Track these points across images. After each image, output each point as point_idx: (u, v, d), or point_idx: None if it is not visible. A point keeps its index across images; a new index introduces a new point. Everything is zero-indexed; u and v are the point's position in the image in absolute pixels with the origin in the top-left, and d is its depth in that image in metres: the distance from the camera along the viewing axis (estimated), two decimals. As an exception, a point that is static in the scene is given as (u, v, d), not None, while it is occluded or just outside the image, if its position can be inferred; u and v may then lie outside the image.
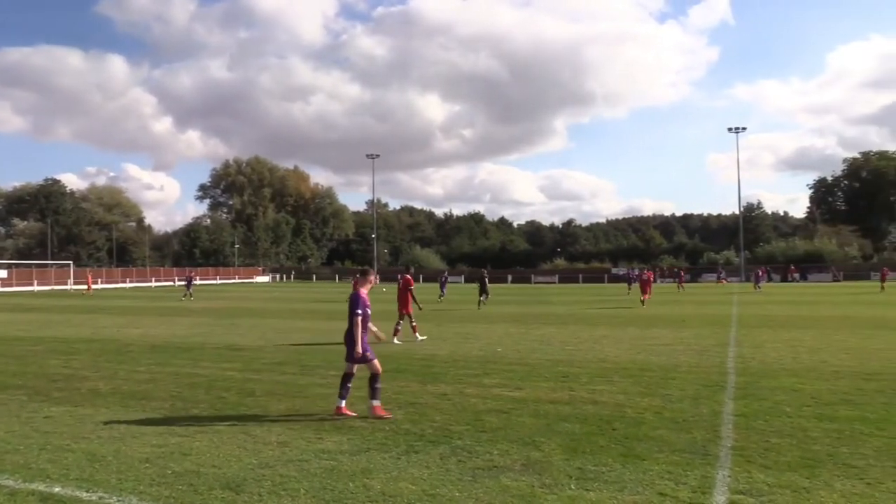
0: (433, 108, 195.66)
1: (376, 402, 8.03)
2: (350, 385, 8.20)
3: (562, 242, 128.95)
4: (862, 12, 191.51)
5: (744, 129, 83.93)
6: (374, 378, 8.07)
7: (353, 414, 8.04)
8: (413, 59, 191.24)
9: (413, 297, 16.88)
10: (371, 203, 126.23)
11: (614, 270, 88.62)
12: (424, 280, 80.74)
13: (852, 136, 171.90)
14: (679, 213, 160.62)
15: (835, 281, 69.51)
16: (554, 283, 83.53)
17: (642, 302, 30.67)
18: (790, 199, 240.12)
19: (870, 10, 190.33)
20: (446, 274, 51.41)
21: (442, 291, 40.15)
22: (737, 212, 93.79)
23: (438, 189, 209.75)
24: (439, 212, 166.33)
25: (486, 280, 32.13)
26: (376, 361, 8.13)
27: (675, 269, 68.21)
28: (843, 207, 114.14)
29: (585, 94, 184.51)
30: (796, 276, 73.57)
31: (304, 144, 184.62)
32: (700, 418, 7.90)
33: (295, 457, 6.46)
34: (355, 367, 8.20)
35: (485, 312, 27.22)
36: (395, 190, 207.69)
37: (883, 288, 44.69)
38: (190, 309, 31.50)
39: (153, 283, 79.72)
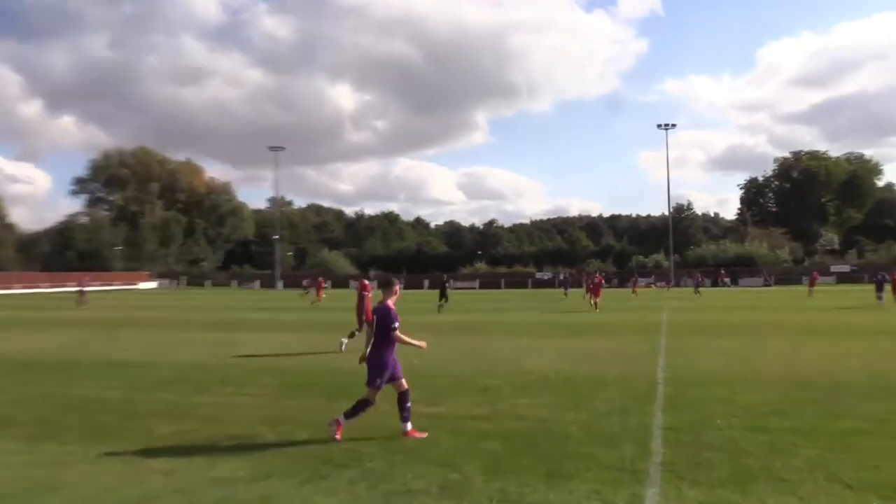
0: (344, 98, 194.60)
1: (409, 426, 7.97)
2: (409, 405, 8.00)
3: (483, 245, 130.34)
4: (792, 8, 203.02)
5: (674, 125, 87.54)
6: (403, 397, 7.97)
7: (424, 435, 7.90)
8: (322, 42, 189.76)
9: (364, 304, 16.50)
10: (274, 200, 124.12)
11: (538, 274, 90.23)
12: (334, 286, 79.95)
13: (783, 134, 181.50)
14: (607, 214, 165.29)
15: (766, 285, 73.05)
16: (474, 288, 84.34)
17: (595, 305, 33.16)
18: (721, 199, 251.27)
19: (799, 6, 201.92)
20: (446, 278, 52.00)
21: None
22: (666, 213, 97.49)
23: (349, 186, 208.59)
24: (350, 211, 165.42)
25: (447, 285, 35.63)
26: (403, 380, 8.06)
27: (633, 273, 70.07)
28: (774, 209, 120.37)
29: (509, 85, 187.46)
30: (727, 280, 76.94)
31: (198, 134, 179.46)
32: (629, 432, 8.09)
33: (183, 486, 6.23)
34: (377, 395, 8.01)
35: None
36: (300, 186, 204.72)
37: (811, 293, 47.15)
38: (67, 319, 30.05)
39: (20, 290, 75.71)
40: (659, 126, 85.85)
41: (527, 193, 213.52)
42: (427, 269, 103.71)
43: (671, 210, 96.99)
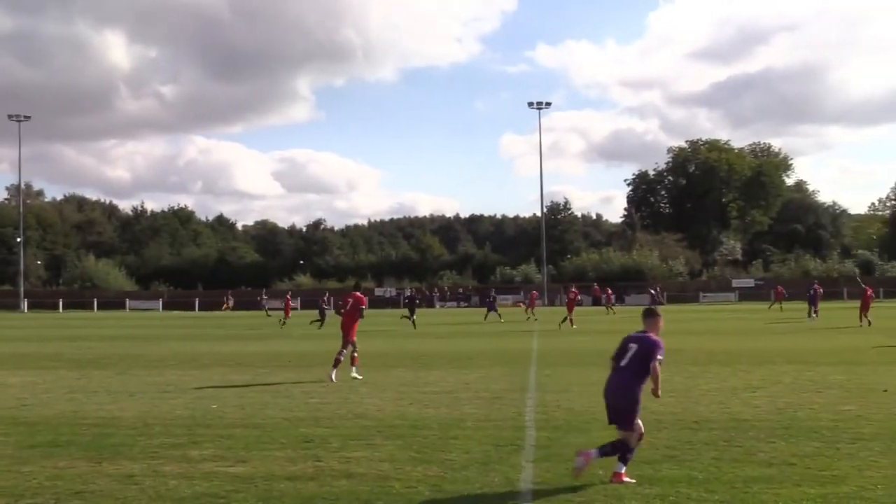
0: (116, 52, 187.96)
1: (624, 468, 8.59)
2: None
3: (306, 252, 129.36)
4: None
5: (548, 104, 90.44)
6: (625, 444, 8.67)
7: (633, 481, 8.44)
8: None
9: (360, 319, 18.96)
10: (15, 189, 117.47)
11: (378, 291, 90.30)
12: (102, 306, 76.76)
13: (678, 118, 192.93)
14: (465, 215, 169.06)
15: (657, 304, 77.06)
16: (296, 308, 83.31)
17: (570, 321, 39.34)
18: (604, 198, 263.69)
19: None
20: (493, 293, 55.99)
21: (494, 311, 48.67)
22: (539, 214, 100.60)
23: (123, 172, 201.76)
24: (125, 206, 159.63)
25: (416, 301, 46.22)
26: (640, 420, 8.83)
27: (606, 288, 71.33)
28: (667, 210, 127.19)
29: (340, 45, 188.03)
30: (612, 297, 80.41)
31: None
32: (491, 490, 8.27)
33: None
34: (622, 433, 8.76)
35: (206, 352, 26.49)
36: (55, 170, 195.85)
37: (781, 308, 49.83)
38: None
39: None
40: (530, 105, 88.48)
41: (363, 186, 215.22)
42: (231, 284, 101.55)
43: (544, 211, 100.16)
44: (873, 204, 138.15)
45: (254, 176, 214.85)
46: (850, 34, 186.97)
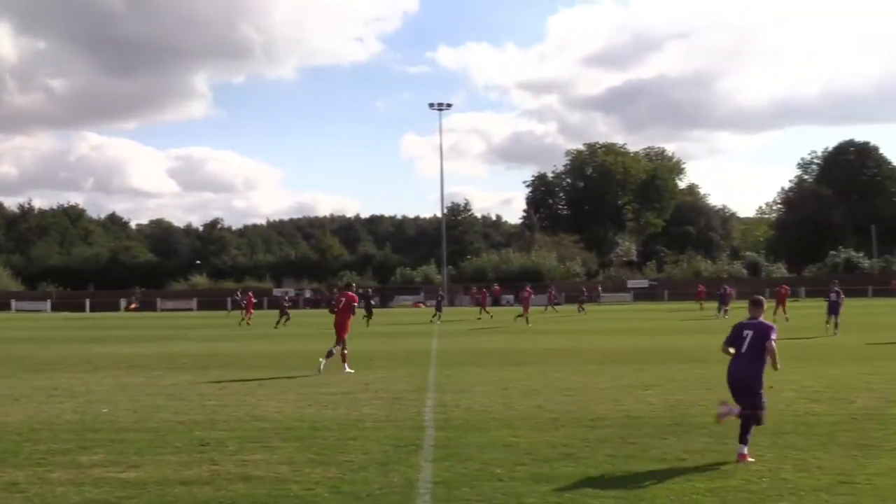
0: (1, 43, 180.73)
1: (746, 448, 9.44)
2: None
3: (203, 252, 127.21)
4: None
5: (449, 105, 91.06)
6: (758, 420, 9.55)
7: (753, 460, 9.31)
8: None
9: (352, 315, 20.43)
10: None
11: (277, 291, 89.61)
12: (-14, 307, 74.02)
13: (576, 122, 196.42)
14: (365, 215, 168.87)
15: (555, 304, 78.13)
16: (192, 309, 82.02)
17: (525, 319, 41.61)
18: (504, 199, 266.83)
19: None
20: (441, 292, 56.86)
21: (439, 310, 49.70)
22: (439, 214, 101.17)
23: (9, 167, 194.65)
24: (11, 203, 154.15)
25: (371, 301, 46.12)
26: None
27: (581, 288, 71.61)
28: (565, 212, 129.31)
29: (239, 41, 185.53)
30: (510, 298, 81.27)
31: None
32: (390, 490, 8.28)
33: None
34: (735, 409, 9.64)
35: (98, 354, 25.79)
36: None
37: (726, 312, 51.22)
38: None
39: None
40: (431, 106, 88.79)
41: (262, 185, 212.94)
42: (125, 285, 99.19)
43: (445, 211, 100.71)
44: (761, 207, 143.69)
45: (148, 174, 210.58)
46: (740, 44, 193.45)
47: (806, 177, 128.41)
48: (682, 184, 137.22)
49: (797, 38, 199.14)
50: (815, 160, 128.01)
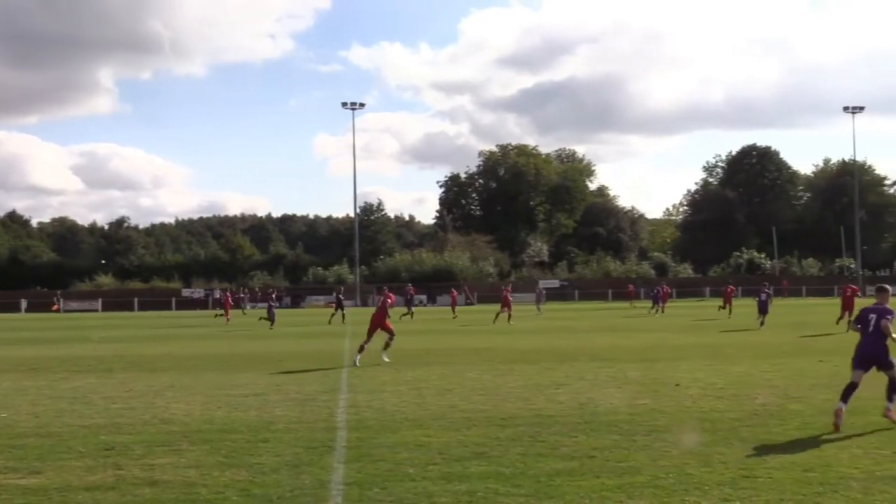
0: None
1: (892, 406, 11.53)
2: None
3: (109, 252, 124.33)
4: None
5: (362, 105, 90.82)
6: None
7: None
8: None
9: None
10: None
11: (186, 291, 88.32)
12: None
13: (488, 123, 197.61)
14: (277, 214, 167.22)
15: (468, 304, 78.58)
16: (96, 310, 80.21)
17: (506, 318, 41.97)
18: (418, 199, 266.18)
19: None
20: (411, 291, 55.91)
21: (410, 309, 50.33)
22: (352, 214, 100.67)
23: None
24: None
25: (342, 299, 47.94)
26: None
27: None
28: (478, 212, 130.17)
29: (146, 36, 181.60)
30: (422, 297, 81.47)
31: None
32: (301, 492, 8.24)
33: None
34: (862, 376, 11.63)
35: (9, 357, 25.02)
36: None
37: (662, 310, 52.59)
38: None
39: None
40: (344, 105, 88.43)
41: (170, 183, 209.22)
42: (26, 285, 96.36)
43: (358, 211, 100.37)
44: (668, 209, 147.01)
45: (50, 170, 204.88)
46: (648, 49, 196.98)
47: (711, 180, 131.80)
48: (593, 186, 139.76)
49: (701, 44, 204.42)
50: (720, 164, 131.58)
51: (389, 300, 22.89)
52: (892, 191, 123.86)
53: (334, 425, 12.08)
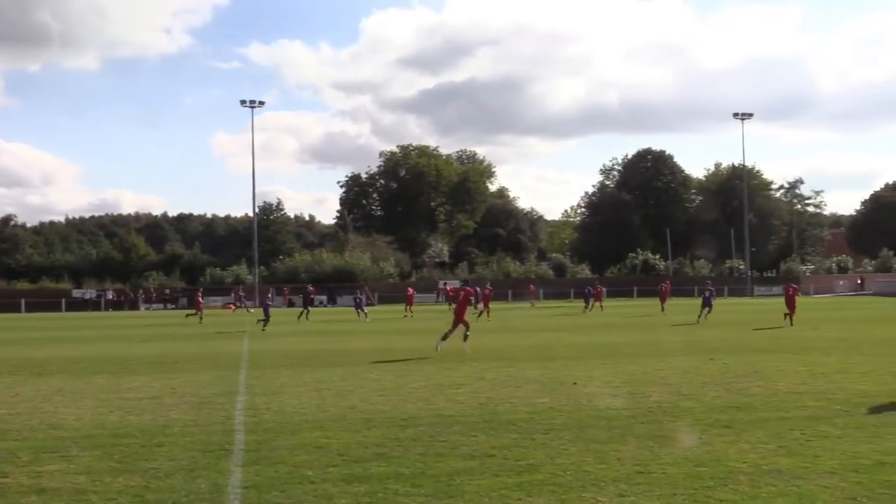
0: None
1: None
2: None
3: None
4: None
5: (261, 103, 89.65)
6: None
7: None
8: None
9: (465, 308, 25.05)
10: None
11: (77, 292, 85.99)
12: None
13: (389, 123, 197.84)
14: (173, 213, 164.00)
15: (368, 304, 78.43)
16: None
17: (487, 312, 45.94)
18: (318, 199, 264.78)
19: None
20: (359, 292, 55.98)
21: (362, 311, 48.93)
22: (251, 214, 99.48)
23: None
24: None
25: (311, 297, 50.34)
26: None
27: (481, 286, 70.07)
28: (379, 213, 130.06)
29: (34, 28, 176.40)
30: (322, 299, 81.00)
31: None
32: (197, 497, 8.11)
33: None
34: None
35: None
36: None
37: (599, 307, 54.57)
38: None
39: None
40: (243, 103, 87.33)
41: (60, 180, 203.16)
42: None
43: (257, 211, 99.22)
44: (566, 211, 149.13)
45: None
46: (547, 52, 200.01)
47: (608, 182, 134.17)
48: (493, 187, 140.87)
49: (599, 48, 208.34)
50: (616, 167, 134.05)
51: (471, 295, 25.88)
52: (778, 195, 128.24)
53: (232, 428, 11.91)
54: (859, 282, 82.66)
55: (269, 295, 48.10)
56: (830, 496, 7.91)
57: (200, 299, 51.59)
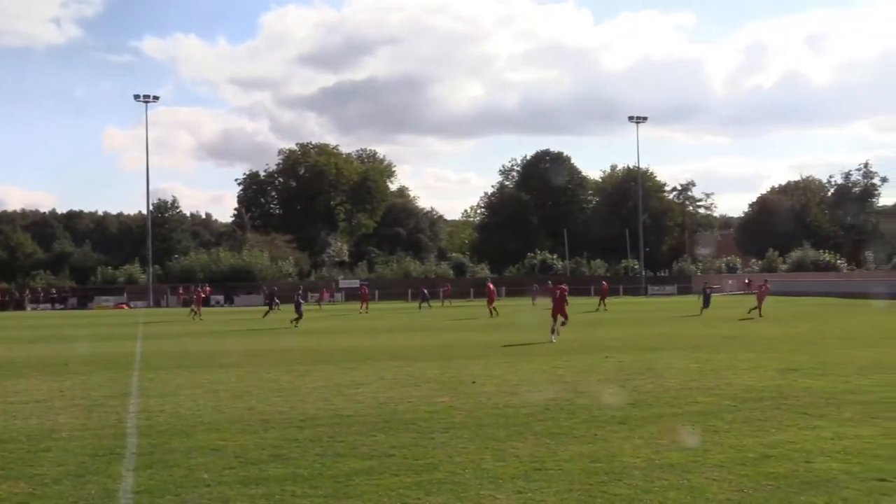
0: None
1: None
2: None
3: None
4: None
5: (156, 98, 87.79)
6: None
7: None
8: None
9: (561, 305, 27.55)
10: None
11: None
12: None
13: (288, 121, 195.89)
14: (62, 211, 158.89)
15: (275, 305, 77.55)
16: None
17: (492, 311, 45.34)
18: (215, 197, 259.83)
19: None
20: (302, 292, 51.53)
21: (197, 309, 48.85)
22: (144, 211, 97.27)
23: None
24: None
25: (274, 296, 51.45)
26: None
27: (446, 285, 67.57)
28: (278, 211, 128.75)
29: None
30: (219, 298, 79.83)
31: None
32: (87, 503, 7.94)
33: None
34: None
35: None
36: None
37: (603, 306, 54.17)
38: None
39: None
40: (136, 97, 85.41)
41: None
42: None
43: (150, 209, 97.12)
44: (466, 211, 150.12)
45: None
46: (446, 53, 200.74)
47: (507, 183, 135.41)
48: (393, 186, 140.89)
49: (498, 49, 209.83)
50: (515, 167, 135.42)
51: (566, 292, 28.34)
52: (671, 196, 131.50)
53: (123, 431, 11.63)
54: (747, 281, 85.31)
55: (300, 293, 47.18)
56: (719, 489, 8.17)
57: (201, 295, 52.29)
